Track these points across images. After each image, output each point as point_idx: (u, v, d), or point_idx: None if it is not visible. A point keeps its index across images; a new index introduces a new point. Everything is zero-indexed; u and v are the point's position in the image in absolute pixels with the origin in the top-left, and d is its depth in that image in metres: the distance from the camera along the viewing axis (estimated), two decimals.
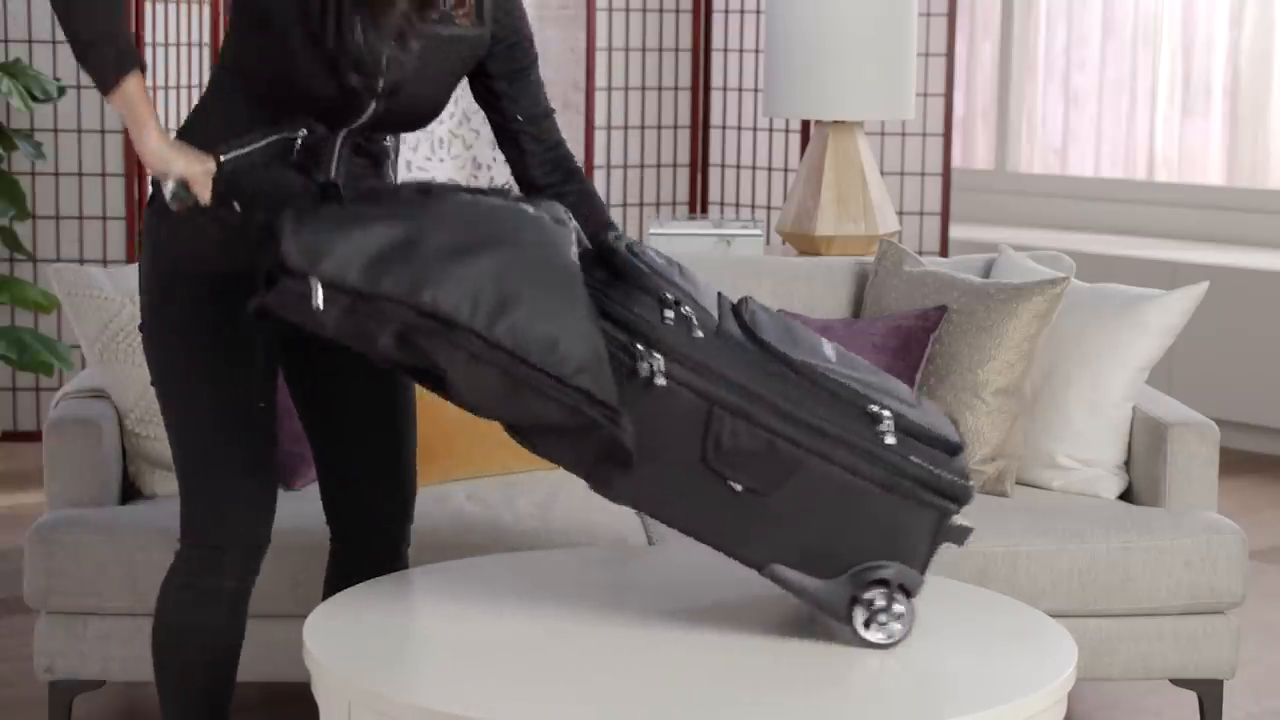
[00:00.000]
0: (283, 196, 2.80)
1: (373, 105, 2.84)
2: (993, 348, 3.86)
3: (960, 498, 2.71)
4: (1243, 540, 3.66)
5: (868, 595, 2.67)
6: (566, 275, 2.62)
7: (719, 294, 2.79)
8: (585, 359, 2.57)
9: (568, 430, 2.62)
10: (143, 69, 2.79)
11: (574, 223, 2.77)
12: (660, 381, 2.62)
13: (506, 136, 3.02)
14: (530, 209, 2.71)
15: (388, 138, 2.97)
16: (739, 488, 2.65)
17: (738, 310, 2.75)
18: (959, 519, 2.72)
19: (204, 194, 2.79)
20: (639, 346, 2.62)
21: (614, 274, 2.68)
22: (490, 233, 2.61)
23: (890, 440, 2.67)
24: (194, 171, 2.78)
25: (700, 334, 2.65)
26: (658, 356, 2.62)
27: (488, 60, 2.96)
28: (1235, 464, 6.24)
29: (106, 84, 2.77)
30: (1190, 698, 3.84)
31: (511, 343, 2.55)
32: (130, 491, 3.78)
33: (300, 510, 3.39)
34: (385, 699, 2.48)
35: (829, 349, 2.75)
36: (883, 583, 2.67)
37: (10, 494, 5.70)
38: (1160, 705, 4.06)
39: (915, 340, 3.92)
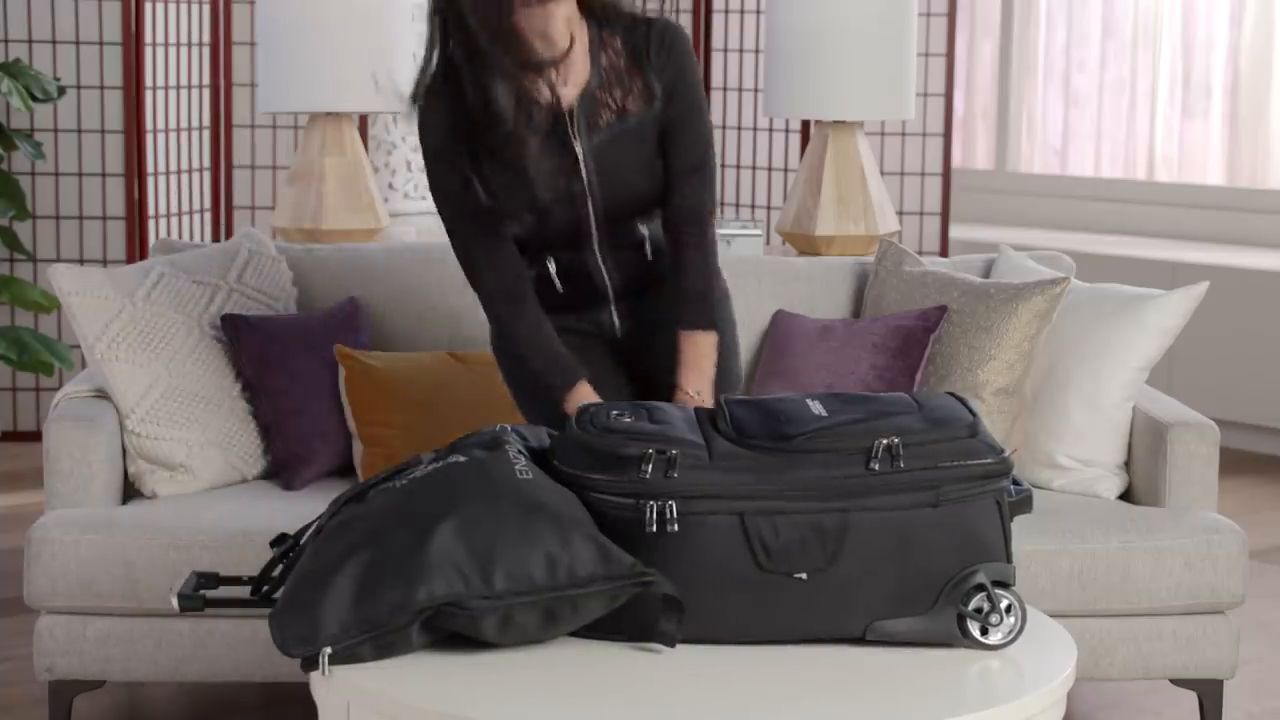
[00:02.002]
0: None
1: (590, 203, 3.23)
2: (992, 348, 3.86)
3: (1004, 470, 2.72)
4: (1242, 540, 3.65)
5: (972, 605, 2.69)
6: (517, 496, 2.66)
7: (695, 412, 2.83)
8: (583, 554, 2.61)
9: (613, 611, 2.65)
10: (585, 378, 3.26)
11: (512, 435, 2.81)
12: (674, 528, 2.65)
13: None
14: (460, 458, 2.74)
15: (639, 226, 3.29)
16: (804, 576, 2.66)
17: (716, 420, 2.77)
18: (1015, 486, 2.75)
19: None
20: (649, 503, 2.65)
21: (592, 454, 2.71)
22: (433, 510, 2.64)
23: (911, 460, 2.68)
24: None
25: (694, 464, 2.68)
26: (669, 503, 2.65)
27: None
28: (1235, 464, 6.24)
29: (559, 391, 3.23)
30: (1190, 698, 3.84)
31: (515, 585, 2.59)
32: (130, 492, 3.78)
33: (302, 511, 3.39)
34: (385, 699, 2.48)
35: (816, 406, 2.77)
36: (979, 587, 2.69)
37: (10, 494, 5.70)
38: (1160, 705, 4.06)
39: (915, 341, 3.92)
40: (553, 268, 3.29)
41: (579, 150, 3.21)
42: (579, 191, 3.22)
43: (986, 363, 3.86)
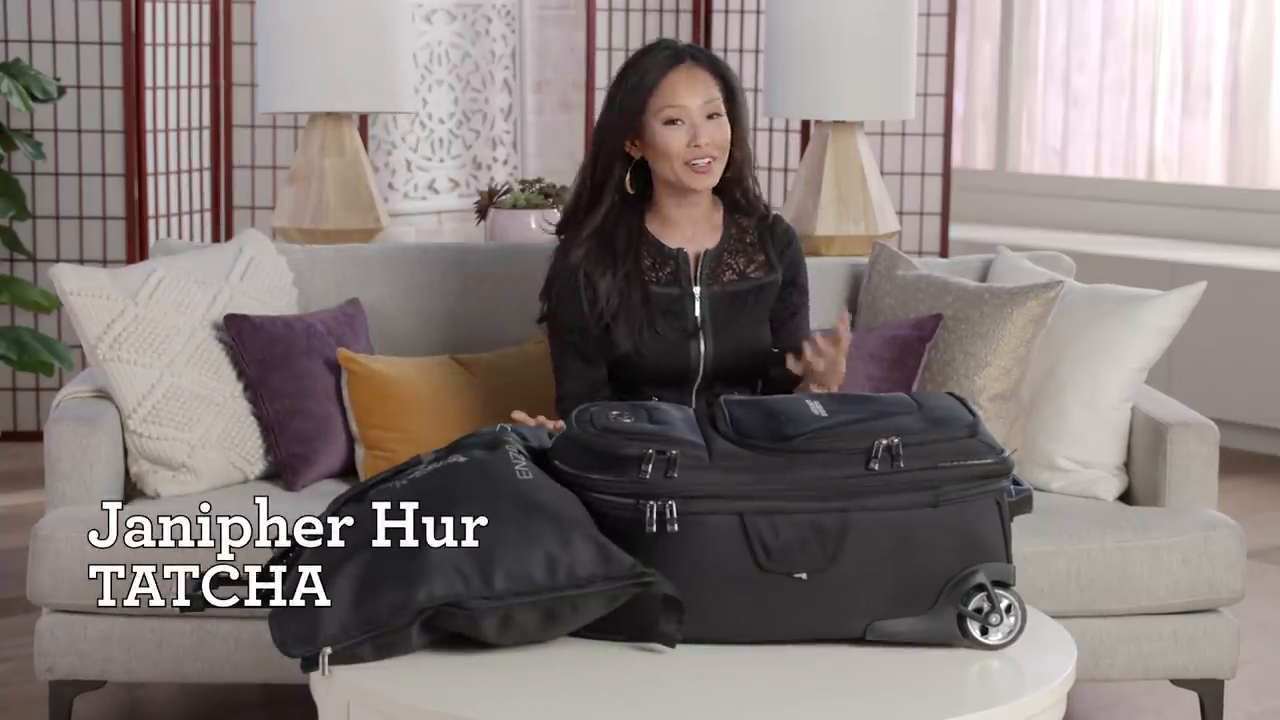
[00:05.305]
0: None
1: (701, 352, 3.43)
2: (988, 354, 3.85)
3: (1004, 470, 2.72)
4: (1239, 535, 3.65)
5: (972, 605, 2.69)
6: (517, 497, 2.66)
7: (694, 412, 2.83)
8: (583, 554, 2.61)
9: (613, 611, 2.65)
10: None
11: (512, 435, 2.82)
12: (674, 528, 2.65)
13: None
14: (460, 458, 2.74)
15: (735, 395, 3.34)
16: (804, 576, 2.67)
17: (716, 420, 2.78)
18: (1016, 486, 2.76)
19: None
20: (649, 503, 2.65)
21: (592, 454, 2.71)
22: (433, 509, 2.64)
23: (911, 460, 2.68)
24: None
25: (694, 464, 2.68)
26: (669, 503, 2.65)
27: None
28: (1235, 464, 6.24)
29: None
30: (1190, 698, 3.84)
31: (515, 585, 2.59)
32: (132, 491, 3.78)
33: (301, 511, 3.38)
34: (385, 699, 2.48)
35: (816, 406, 2.77)
36: (979, 587, 2.69)
37: (10, 494, 5.70)
38: (1160, 705, 4.06)
39: (911, 350, 3.90)
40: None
41: (696, 293, 3.46)
42: (693, 335, 3.45)
43: (982, 369, 3.84)
